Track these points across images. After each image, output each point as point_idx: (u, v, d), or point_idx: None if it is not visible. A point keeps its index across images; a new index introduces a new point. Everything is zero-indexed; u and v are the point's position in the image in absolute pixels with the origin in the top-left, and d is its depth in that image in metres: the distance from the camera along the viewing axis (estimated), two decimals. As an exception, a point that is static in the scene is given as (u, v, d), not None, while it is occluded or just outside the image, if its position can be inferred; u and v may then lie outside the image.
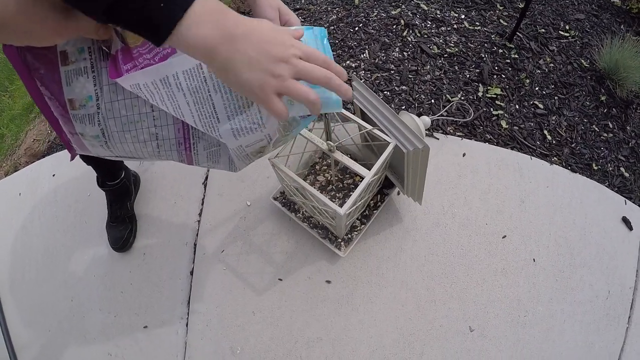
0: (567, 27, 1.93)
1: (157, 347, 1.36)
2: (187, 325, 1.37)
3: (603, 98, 1.76)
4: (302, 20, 1.99)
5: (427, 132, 1.57)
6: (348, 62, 1.77)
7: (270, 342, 1.31)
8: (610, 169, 1.61)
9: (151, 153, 0.79)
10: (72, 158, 0.87)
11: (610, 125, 1.71)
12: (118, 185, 1.46)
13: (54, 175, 1.74)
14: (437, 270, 1.36)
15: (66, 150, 1.84)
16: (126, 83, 0.67)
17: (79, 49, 0.69)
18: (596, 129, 1.69)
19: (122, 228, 1.51)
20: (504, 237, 1.41)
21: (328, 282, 1.36)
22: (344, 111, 1.18)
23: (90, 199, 1.63)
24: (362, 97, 1.20)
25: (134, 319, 1.41)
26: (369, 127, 1.11)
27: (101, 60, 0.71)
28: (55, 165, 1.77)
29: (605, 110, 1.74)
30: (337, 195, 1.41)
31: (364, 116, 1.24)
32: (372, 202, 1.43)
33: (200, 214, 1.53)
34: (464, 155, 1.55)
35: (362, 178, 1.07)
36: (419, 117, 1.35)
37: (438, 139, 1.58)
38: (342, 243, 1.37)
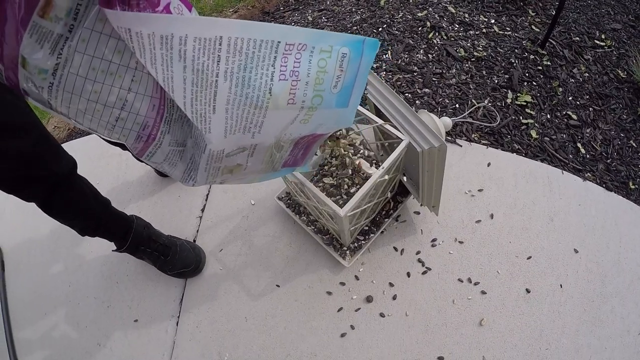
0: (603, 37, 1.61)
1: (145, 343, 1.14)
2: (177, 324, 1.14)
3: (642, 112, 1.44)
4: (325, 21, 1.75)
5: (449, 137, 1.29)
6: (369, 62, 1.52)
7: (261, 351, 1.06)
8: (650, 189, 1.29)
9: (103, 124, 0.53)
10: None
11: (650, 142, 1.38)
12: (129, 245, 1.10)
13: (68, 161, 1.56)
14: (451, 291, 1.08)
15: (84, 138, 1.63)
16: (115, 20, 0.43)
17: None
18: (634, 144, 1.38)
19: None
20: (529, 258, 1.12)
21: (329, 293, 1.11)
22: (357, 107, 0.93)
23: (99, 187, 1.43)
24: (376, 91, 0.95)
25: (125, 312, 1.20)
26: (380, 121, 0.86)
27: None
28: (70, 152, 1.57)
29: (644, 126, 1.42)
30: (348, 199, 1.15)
31: (378, 113, 0.99)
32: (384, 209, 1.17)
33: (203, 210, 1.30)
34: (488, 165, 1.26)
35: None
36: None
37: (461, 145, 1.30)
38: (347, 252, 1.11)
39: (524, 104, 1.38)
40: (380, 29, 1.61)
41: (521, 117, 1.36)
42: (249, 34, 0.45)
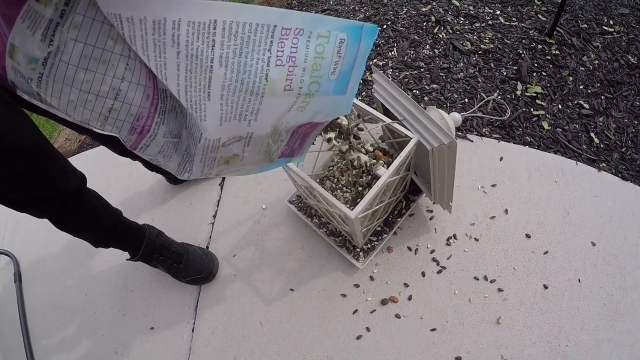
0: (611, 22, 1.57)
1: (161, 349, 1.14)
2: (192, 331, 1.14)
3: (655, 98, 1.39)
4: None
5: (459, 133, 1.27)
6: (375, 60, 1.50)
7: (277, 356, 1.06)
8: (668, 177, 1.25)
9: (95, 115, 0.51)
10: None
11: (666, 129, 1.34)
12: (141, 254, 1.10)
13: (80, 172, 1.57)
14: (467, 289, 1.06)
15: (95, 149, 1.63)
16: (105, 5, 0.41)
17: None
18: (649, 132, 1.33)
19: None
20: (546, 252, 1.09)
21: (343, 295, 1.10)
22: (364, 106, 0.91)
23: (111, 197, 1.43)
24: (382, 89, 0.93)
25: (141, 319, 1.20)
26: (387, 120, 0.84)
27: None
28: (82, 164, 1.57)
29: (659, 112, 1.37)
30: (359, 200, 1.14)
31: (386, 111, 0.97)
32: (396, 209, 1.15)
33: (214, 216, 1.30)
34: (501, 159, 1.23)
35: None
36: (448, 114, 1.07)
37: (472, 141, 1.27)
38: (360, 253, 1.10)
39: (534, 95, 1.35)
40: (384, 26, 1.59)
41: (532, 109, 1.32)
42: (244, 17, 0.44)
